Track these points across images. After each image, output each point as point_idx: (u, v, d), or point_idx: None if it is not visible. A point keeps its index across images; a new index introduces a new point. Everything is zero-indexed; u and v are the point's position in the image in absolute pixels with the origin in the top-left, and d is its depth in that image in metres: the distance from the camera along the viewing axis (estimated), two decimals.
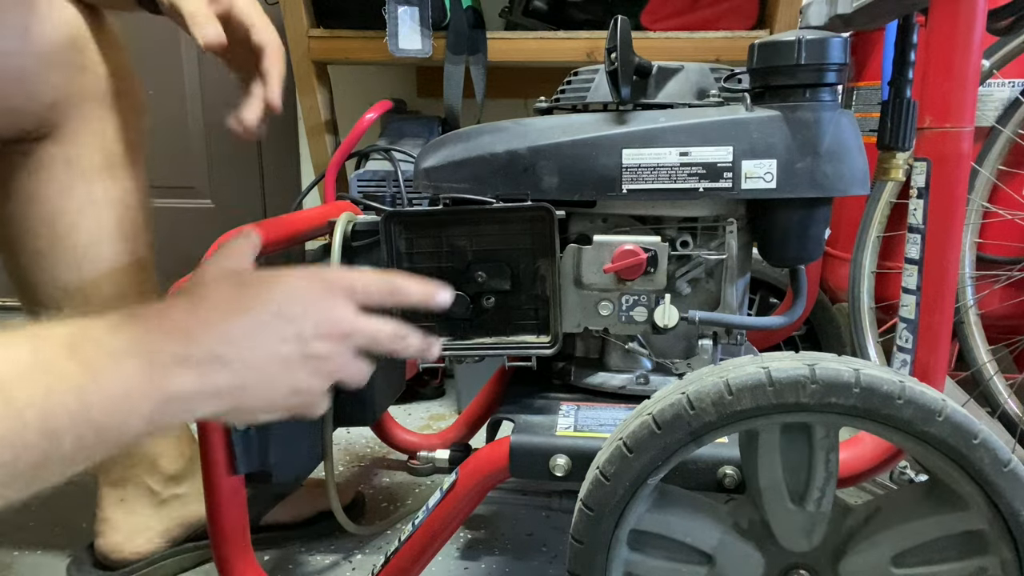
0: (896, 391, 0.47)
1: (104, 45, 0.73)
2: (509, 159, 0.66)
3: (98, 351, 0.41)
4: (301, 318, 0.48)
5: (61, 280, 0.73)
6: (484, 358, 0.70)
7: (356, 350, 0.52)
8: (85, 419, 0.39)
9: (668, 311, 0.66)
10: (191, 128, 1.80)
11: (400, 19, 1.17)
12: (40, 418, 0.37)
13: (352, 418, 0.75)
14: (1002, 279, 1.04)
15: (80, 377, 0.39)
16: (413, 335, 0.55)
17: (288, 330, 0.48)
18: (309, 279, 0.51)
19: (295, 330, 0.48)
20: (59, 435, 0.38)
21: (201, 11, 0.63)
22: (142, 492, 0.82)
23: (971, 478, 0.48)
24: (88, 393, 0.39)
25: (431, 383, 1.39)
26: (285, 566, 0.86)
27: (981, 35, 0.56)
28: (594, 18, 1.34)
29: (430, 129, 1.27)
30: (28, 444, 0.37)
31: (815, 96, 0.62)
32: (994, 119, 1.03)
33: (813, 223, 0.66)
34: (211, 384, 0.44)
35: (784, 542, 0.53)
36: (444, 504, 0.67)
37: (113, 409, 0.40)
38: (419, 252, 0.67)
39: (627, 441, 0.50)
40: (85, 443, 0.39)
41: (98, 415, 0.39)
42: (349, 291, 0.52)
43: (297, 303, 0.49)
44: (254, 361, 0.46)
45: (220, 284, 0.49)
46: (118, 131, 0.75)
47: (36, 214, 0.72)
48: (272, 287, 0.49)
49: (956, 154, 0.57)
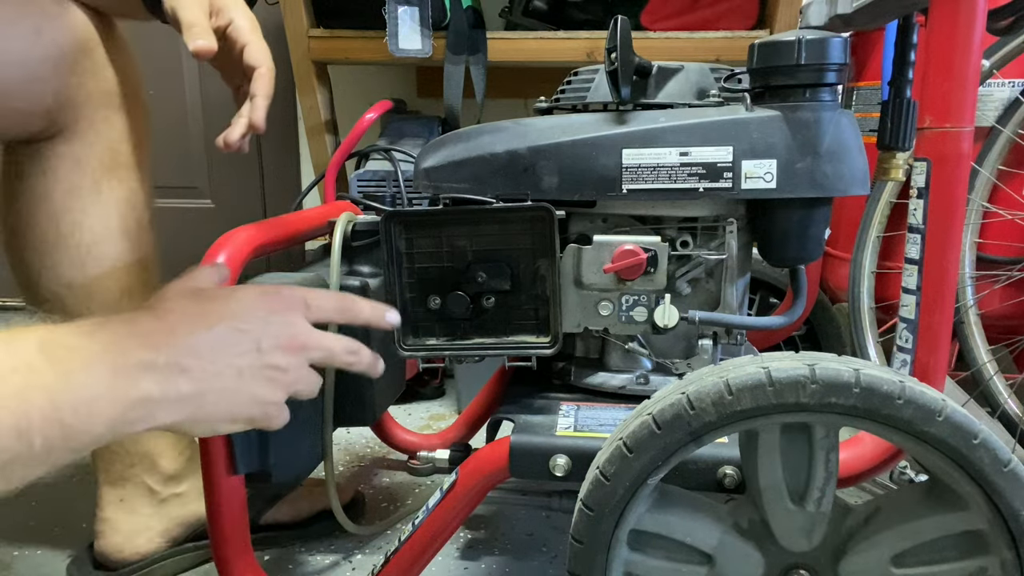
0: (896, 391, 0.47)
1: (112, 49, 0.75)
2: (509, 159, 0.66)
3: (69, 355, 0.42)
4: (259, 331, 0.51)
5: (65, 277, 0.74)
6: (484, 358, 0.70)
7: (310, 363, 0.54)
8: (55, 419, 0.40)
9: (668, 311, 0.66)
10: (191, 128, 1.80)
11: (400, 19, 1.17)
12: (13, 415, 0.38)
13: (352, 418, 0.75)
14: (1002, 279, 1.04)
15: (51, 378, 0.41)
16: (364, 351, 0.58)
17: (247, 342, 0.50)
18: (266, 294, 0.53)
19: (253, 342, 0.50)
20: (30, 435, 0.39)
21: (200, 22, 0.65)
22: (142, 492, 0.83)
23: (971, 478, 0.48)
24: (59, 394, 0.40)
25: (431, 383, 1.39)
26: (285, 566, 0.86)
27: (981, 35, 0.56)
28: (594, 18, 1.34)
29: (430, 129, 1.26)
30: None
31: (815, 96, 0.62)
32: (994, 119, 1.03)
33: (813, 223, 0.66)
34: (174, 391, 0.46)
35: (784, 542, 0.53)
36: (444, 504, 0.67)
37: (82, 411, 0.41)
38: (419, 252, 0.67)
39: (627, 441, 0.50)
40: (52, 444, 0.40)
41: (67, 416, 0.41)
42: (303, 307, 0.55)
43: (255, 317, 0.51)
44: (214, 371, 0.48)
45: (184, 299, 0.51)
46: (124, 132, 0.76)
47: (42, 212, 0.73)
48: (232, 302, 0.52)
49: (956, 154, 0.57)
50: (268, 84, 0.69)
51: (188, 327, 0.48)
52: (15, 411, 0.39)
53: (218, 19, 0.68)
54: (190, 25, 0.65)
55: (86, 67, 0.72)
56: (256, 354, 0.50)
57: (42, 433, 0.39)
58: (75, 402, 0.41)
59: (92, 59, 0.72)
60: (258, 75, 0.69)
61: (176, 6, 0.66)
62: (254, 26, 0.70)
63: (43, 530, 0.93)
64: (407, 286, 0.68)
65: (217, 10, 0.68)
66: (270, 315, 0.52)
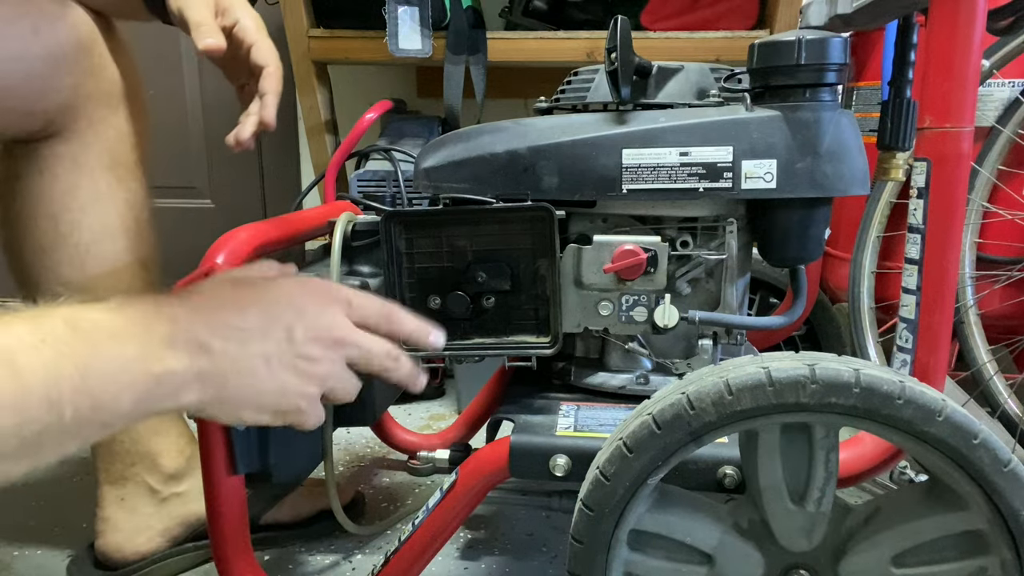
0: (896, 391, 0.47)
1: (112, 49, 0.75)
2: (509, 159, 0.66)
3: (96, 328, 0.42)
4: (295, 320, 0.50)
5: (64, 277, 0.74)
6: (484, 358, 0.70)
7: (347, 361, 0.52)
8: (84, 390, 0.40)
9: (668, 311, 0.66)
10: (191, 128, 1.80)
11: (400, 19, 1.17)
12: (43, 385, 0.38)
13: (352, 418, 0.75)
14: (1002, 279, 1.04)
15: (81, 349, 0.40)
16: (404, 359, 0.56)
17: (278, 330, 0.49)
18: (308, 285, 0.52)
19: (285, 331, 0.49)
20: (60, 405, 0.39)
21: (207, 21, 0.66)
22: (142, 491, 0.83)
23: (971, 478, 0.48)
24: (88, 365, 0.40)
25: (431, 383, 1.39)
26: (285, 566, 0.86)
27: (981, 35, 0.56)
28: (594, 18, 1.34)
29: (430, 129, 1.26)
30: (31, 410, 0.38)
31: (815, 96, 0.62)
32: (994, 119, 1.03)
33: (813, 223, 0.66)
34: (195, 368, 0.45)
35: (784, 542, 0.53)
36: (444, 504, 0.67)
37: (110, 382, 0.41)
38: (419, 252, 0.67)
39: (627, 441, 0.50)
40: (82, 416, 0.40)
41: (96, 387, 0.40)
42: (346, 304, 0.53)
43: (293, 306, 0.50)
44: (238, 354, 0.47)
45: (221, 284, 0.51)
46: (123, 132, 0.77)
47: (41, 212, 0.74)
48: (269, 290, 0.51)
49: (956, 154, 0.57)
50: (277, 82, 0.69)
51: (216, 308, 0.48)
52: (46, 380, 0.38)
53: (224, 19, 0.68)
54: (198, 24, 0.65)
55: (85, 67, 0.72)
56: (287, 343, 0.49)
57: (72, 403, 0.39)
58: (103, 374, 0.41)
59: (91, 59, 0.72)
60: (267, 74, 0.69)
61: (183, 6, 0.67)
62: (260, 26, 0.70)
63: (43, 530, 0.93)
64: (407, 286, 0.68)
65: (223, 10, 0.69)
66: (308, 305, 0.51)
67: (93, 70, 0.73)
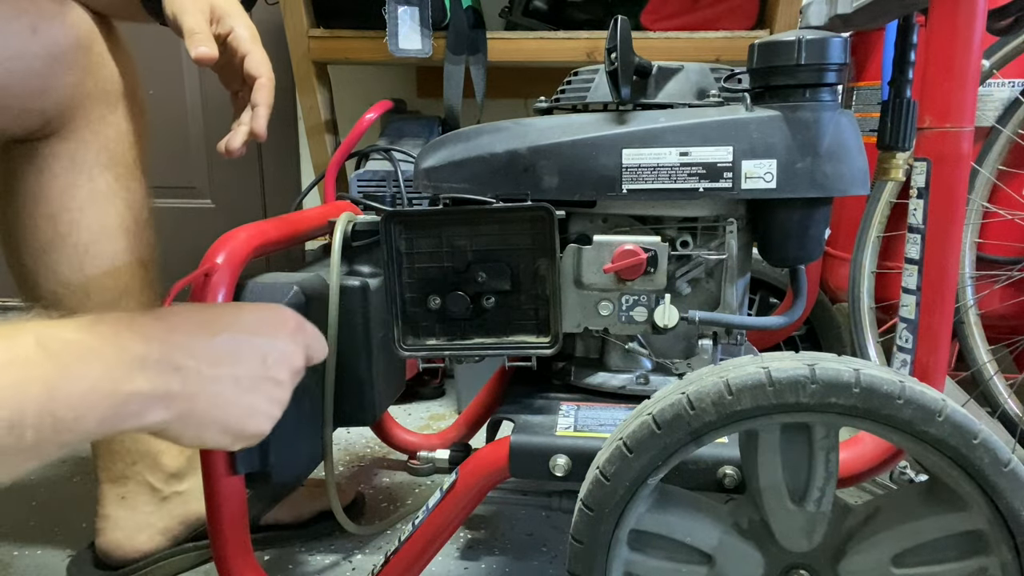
0: (896, 391, 0.47)
1: (110, 48, 0.75)
2: (509, 159, 0.66)
3: (66, 347, 0.42)
4: (267, 346, 0.52)
5: (63, 276, 0.74)
6: (484, 358, 0.70)
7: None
8: (49, 412, 0.40)
9: (668, 311, 0.66)
10: (191, 128, 1.80)
11: (400, 19, 1.17)
12: (7, 407, 0.38)
13: (352, 418, 0.75)
14: (1002, 279, 1.04)
15: (48, 370, 0.40)
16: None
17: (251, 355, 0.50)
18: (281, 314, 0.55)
19: (259, 356, 0.51)
20: (22, 427, 0.38)
21: (201, 29, 0.66)
22: (143, 489, 0.83)
23: (971, 478, 0.48)
24: (55, 387, 0.40)
25: (431, 383, 1.39)
26: (285, 566, 0.86)
27: (981, 35, 0.56)
28: (594, 18, 1.34)
29: (430, 129, 1.27)
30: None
31: (815, 96, 0.62)
32: (994, 119, 1.03)
33: (813, 223, 0.66)
34: (163, 388, 0.45)
35: (784, 542, 0.53)
36: (444, 504, 0.67)
37: (75, 404, 0.41)
38: (419, 252, 0.67)
39: (627, 441, 0.50)
40: (43, 437, 0.40)
41: (61, 409, 0.40)
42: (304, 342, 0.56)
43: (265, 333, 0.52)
44: (210, 375, 0.48)
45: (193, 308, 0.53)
46: (122, 132, 0.77)
47: (40, 211, 0.73)
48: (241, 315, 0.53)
49: (956, 154, 0.57)
50: (269, 94, 0.71)
51: (189, 330, 0.48)
52: (9, 404, 0.38)
53: (219, 27, 0.69)
54: (191, 32, 0.66)
55: (83, 66, 0.72)
56: (261, 366, 0.51)
57: (34, 427, 0.39)
58: (70, 395, 0.41)
59: (90, 58, 0.72)
60: (259, 85, 0.70)
61: (178, 12, 0.67)
62: (254, 35, 0.71)
63: (43, 530, 0.93)
64: (407, 286, 0.68)
65: (218, 18, 0.69)
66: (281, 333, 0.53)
67: (92, 69, 0.73)
